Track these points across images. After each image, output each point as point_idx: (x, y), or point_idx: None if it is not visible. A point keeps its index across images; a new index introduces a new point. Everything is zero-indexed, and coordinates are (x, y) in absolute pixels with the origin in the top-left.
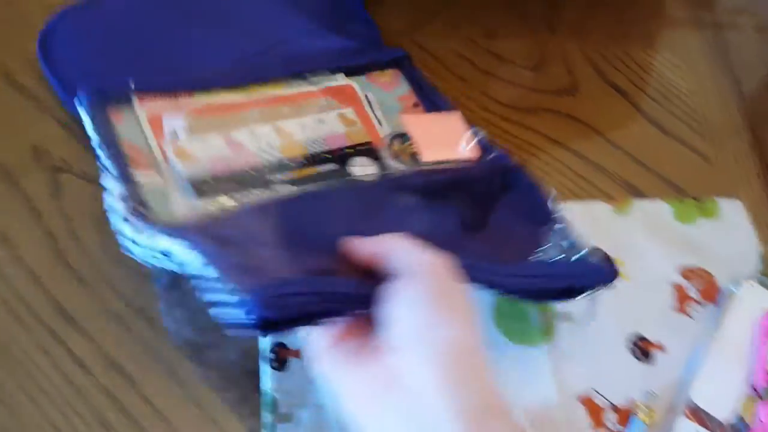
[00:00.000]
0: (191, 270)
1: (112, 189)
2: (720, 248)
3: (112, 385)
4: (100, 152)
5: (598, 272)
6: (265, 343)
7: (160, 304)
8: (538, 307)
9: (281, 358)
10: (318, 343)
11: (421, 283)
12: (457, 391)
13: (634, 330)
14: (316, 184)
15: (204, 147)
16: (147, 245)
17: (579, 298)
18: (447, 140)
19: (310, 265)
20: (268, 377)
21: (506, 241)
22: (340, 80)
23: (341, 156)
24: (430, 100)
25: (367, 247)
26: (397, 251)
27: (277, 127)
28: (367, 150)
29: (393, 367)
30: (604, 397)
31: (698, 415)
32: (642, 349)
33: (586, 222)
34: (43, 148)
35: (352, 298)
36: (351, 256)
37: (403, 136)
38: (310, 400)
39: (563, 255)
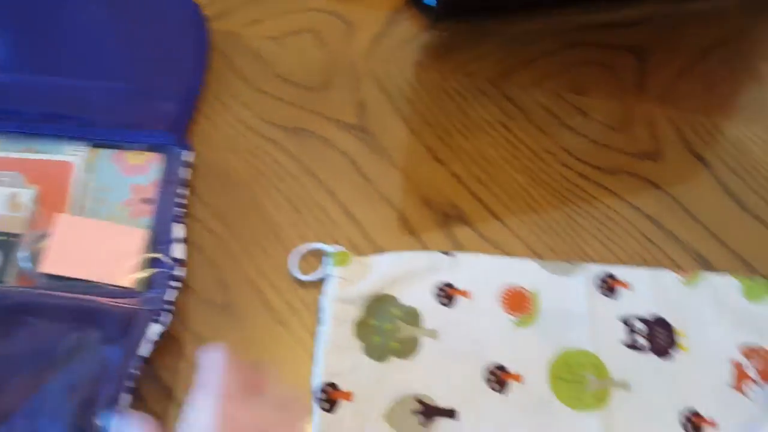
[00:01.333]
0: None
1: None
2: None
3: None
4: None
5: None
6: (317, 380)
7: None
8: (596, 373)
9: (331, 399)
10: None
11: None
12: None
13: (688, 404)
14: None
15: None
16: None
17: None
18: (97, 257)
19: None
20: (317, 417)
21: None
22: (62, 155)
23: None
24: (167, 203)
25: None
26: None
27: None
28: (3, 243)
29: None
30: None
31: None
32: (695, 424)
33: (652, 289)
34: None
35: None
36: None
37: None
38: None
39: None
